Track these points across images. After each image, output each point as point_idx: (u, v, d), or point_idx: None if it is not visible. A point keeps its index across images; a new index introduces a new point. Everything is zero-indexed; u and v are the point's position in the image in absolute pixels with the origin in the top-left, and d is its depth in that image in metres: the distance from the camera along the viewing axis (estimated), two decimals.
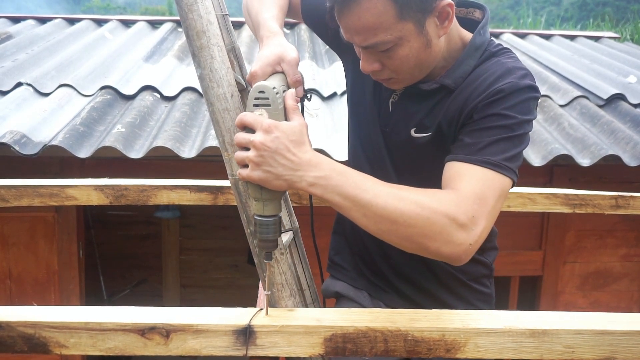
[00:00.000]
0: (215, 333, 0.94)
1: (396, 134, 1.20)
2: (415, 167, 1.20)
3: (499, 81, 1.04)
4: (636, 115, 3.35)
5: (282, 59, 1.04)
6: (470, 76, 1.10)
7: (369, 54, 1.07)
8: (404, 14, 0.99)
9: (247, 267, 5.30)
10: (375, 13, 0.98)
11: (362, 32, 1.02)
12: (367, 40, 1.02)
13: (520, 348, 0.96)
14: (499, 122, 1.02)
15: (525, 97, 1.04)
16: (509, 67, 1.07)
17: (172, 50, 4.14)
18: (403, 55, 1.04)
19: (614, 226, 3.60)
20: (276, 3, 1.21)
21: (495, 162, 0.99)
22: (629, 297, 3.75)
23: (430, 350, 0.97)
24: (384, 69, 1.08)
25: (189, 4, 0.99)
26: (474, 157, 1.00)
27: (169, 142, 2.76)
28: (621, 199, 1.80)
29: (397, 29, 1.00)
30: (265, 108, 0.94)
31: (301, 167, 0.92)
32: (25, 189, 1.61)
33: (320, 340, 0.95)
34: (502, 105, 1.02)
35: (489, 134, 1.02)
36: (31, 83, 3.28)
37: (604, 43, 5.28)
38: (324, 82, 3.68)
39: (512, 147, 1.01)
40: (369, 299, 1.38)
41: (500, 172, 0.99)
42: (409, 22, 1.00)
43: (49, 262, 3.35)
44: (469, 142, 1.03)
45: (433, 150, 1.15)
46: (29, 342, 0.92)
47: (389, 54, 1.05)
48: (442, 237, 0.93)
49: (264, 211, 0.97)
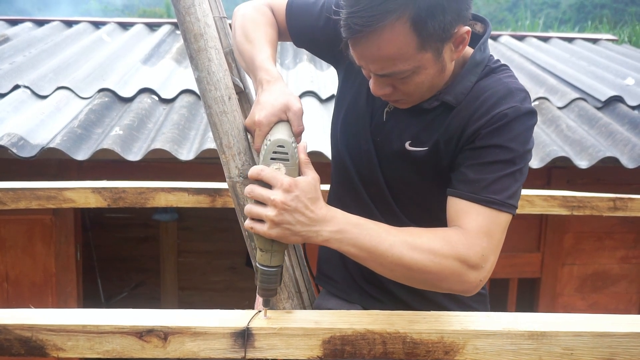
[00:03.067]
0: (213, 335, 0.93)
1: (388, 144, 1.18)
2: (407, 179, 1.19)
3: (502, 104, 1.04)
4: (634, 117, 3.36)
5: (288, 108, 1.03)
6: (471, 93, 1.09)
7: (381, 79, 1.05)
8: (424, 45, 0.97)
9: (245, 269, 5.29)
10: (397, 44, 0.96)
11: (380, 61, 0.99)
12: (384, 69, 1.00)
13: (519, 350, 0.96)
14: (503, 156, 1.03)
15: (527, 125, 1.04)
16: (511, 88, 1.06)
17: (170, 52, 4.14)
18: (419, 82, 1.04)
19: (612, 228, 3.60)
20: (267, 39, 1.19)
21: (499, 201, 1.01)
22: (628, 299, 3.75)
23: (428, 353, 0.97)
24: (394, 92, 1.07)
25: (186, 7, 0.99)
26: (479, 197, 1.02)
27: (167, 145, 2.76)
28: (619, 201, 1.80)
29: (416, 59, 0.99)
30: (284, 162, 0.95)
31: (317, 223, 0.95)
32: (22, 192, 1.61)
33: (319, 343, 0.95)
34: (505, 135, 1.03)
35: (493, 169, 1.03)
36: (29, 85, 3.28)
37: (602, 45, 5.30)
38: (322, 84, 3.68)
39: (514, 183, 1.04)
40: None
41: (504, 211, 1.02)
42: (428, 52, 0.99)
43: (46, 265, 3.34)
44: (472, 178, 1.03)
45: (428, 165, 1.14)
46: (26, 345, 0.92)
47: (404, 80, 1.03)
48: (455, 279, 0.98)
49: (271, 262, 0.98)
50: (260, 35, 1.18)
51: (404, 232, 0.99)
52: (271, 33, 1.22)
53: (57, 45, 4.15)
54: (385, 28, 0.93)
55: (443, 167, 1.12)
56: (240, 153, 1.03)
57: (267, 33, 1.20)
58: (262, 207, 0.93)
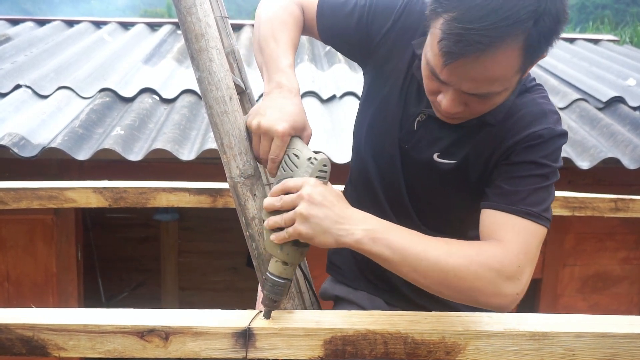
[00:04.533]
0: (214, 335, 0.93)
1: (416, 153, 1.17)
2: (430, 188, 1.20)
3: (537, 125, 1.04)
4: (635, 118, 3.35)
5: (304, 128, 1.04)
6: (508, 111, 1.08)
7: (460, 97, 0.98)
8: (523, 68, 0.94)
9: (246, 269, 5.29)
10: (504, 67, 0.91)
11: (480, 81, 0.93)
12: (479, 89, 0.94)
13: (521, 351, 0.95)
14: (537, 171, 1.03)
15: (559, 144, 1.05)
16: (544, 110, 1.07)
17: (171, 52, 4.14)
18: (497, 102, 1.00)
19: (613, 229, 3.60)
20: (292, 44, 1.17)
21: (536, 213, 1.01)
22: (629, 300, 3.75)
23: (430, 353, 0.97)
24: (465, 110, 1.01)
25: (187, 7, 0.99)
26: (516, 208, 1.01)
27: (168, 145, 2.76)
28: (620, 202, 1.80)
29: (511, 81, 0.96)
30: (323, 181, 0.97)
31: (347, 221, 0.94)
32: (24, 192, 1.61)
33: (320, 343, 0.95)
34: (539, 152, 1.03)
35: (528, 182, 1.03)
36: (30, 85, 3.28)
37: (603, 46, 5.29)
38: (323, 85, 3.68)
39: (548, 197, 1.04)
40: (367, 298, 1.38)
41: (540, 223, 1.01)
42: (520, 74, 0.96)
43: (47, 265, 3.34)
44: (508, 190, 1.03)
45: (454, 178, 1.14)
46: (27, 345, 0.92)
47: (484, 100, 0.98)
48: (491, 290, 0.96)
49: (284, 274, 0.98)
50: (287, 38, 1.17)
51: (439, 240, 0.98)
52: (296, 37, 1.21)
53: (58, 45, 4.16)
54: (502, 50, 0.87)
55: (470, 181, 1.12)
56: (242, 153, 1.03)
57: (293, 37, 1.19)
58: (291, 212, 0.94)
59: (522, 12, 0.85)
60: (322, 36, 1.27)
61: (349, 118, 3.18)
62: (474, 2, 0.86)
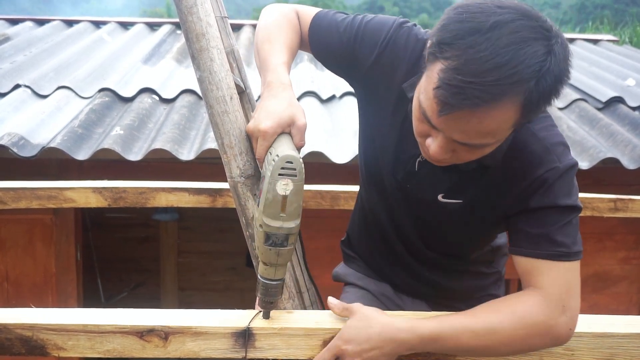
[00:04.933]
0: (214, 335, 0.93)
1: (420, 193, 1.16)
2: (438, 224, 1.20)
3: (540, 166, 1.01)
4: (635, 118, 3.35)
5: (293, 122, 1.01)
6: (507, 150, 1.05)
7: (450, 144, 0.95)
8: (518, 124, 0.91)
9: (246, 270, 5.29)
10: (499, 122, 0.88)
11: (473, 134, 0.90)
12: (471, 140, 0.92)
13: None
14: (558, 211, 1.01)
15: (568, 180, 1.03)
16: (546, 145, 1.02)
17: (171, 52, 4.14)
18: (486, 152, 0.97)
19: (613, 229, 3.60)
20: (287, 44, 1.17)
21: (568, 252, 1.00)
22: (628, 300, 3.74)
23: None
24: (453, 156, 0.99)
25: (188, 7, 0.99)
26: (548, 252, 1.00)
27: (168, 145, 2.76)
28: (620, 202, 1.80)
29: (505, 135, 0.94)
30: (292, 179, 0.92)
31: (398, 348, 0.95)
32: (23, 191, 1.61)
33: (320, 343, 0.95)
34: (551, 196, 1.01)
35: (552, 221, 1.01)
36: (29, 85, 3.28)
37: (603, 46, 5.29)
38: (322, 85, 3.68)
39: (575, 230, 1.02)
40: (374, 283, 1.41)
41: (573, 260, 1.00)
42: (514, 129, 0.94)
43: (46, 265, 3.34)
44: (535, 233, 1.01)
45: (462, 216, 1.14)
46: (27, 345, 0.92)
47: (473, 150, 0.95)
48: (545, 340, 0.97)
49: (275, 275, 0.97)
50: (281, 39, 1.17)
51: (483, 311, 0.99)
52: (293, 38, 1.20)
53: (57, 44, 4.16)
54: (499, 105, 0.84)
55: (477, 217, 1.12)
56: (242, 153, 1.03)
57: (289, 38, 1.19)
58: None
59: (527, 70, 0.82)
60: (313, 52, 1.27)
61: (349, 118, 3.18)
62: (478, 54, 0.82)
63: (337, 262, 1.50)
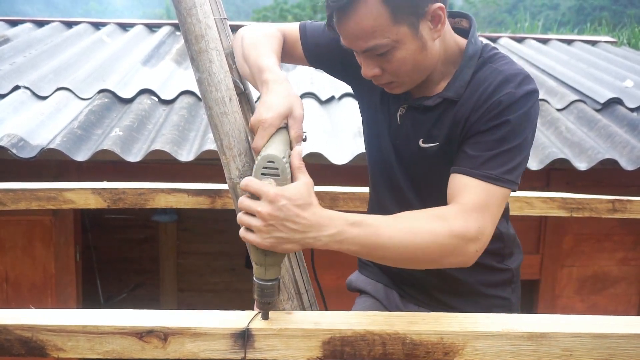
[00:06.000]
0: (213, 336, 0.94)
1: (406, 145, 1.24)
2: (427, 178, 1.25)
3: (497, 92, 1.09)
4: (633, 120, 3.36)
5: (291, 112, 1.03)
6: (470, 85, 1.14)
7: (368, 60, 1.11)
8: (397, 18, 1.04)
9: (245, 270, 5.29)
10: (371, 17, 1.03)
11: (361, 36, 1.06)
12: (366, 43, 1.07)
13: (519, 351, 0.96)
14: (498, 134, 1.08)
15: (524, 107, 1.09)
16: (506, 75, 1.11)
17: (170, 53, 4.14)
18: (400, 58, 1.09)
19: (611, 230, 3.61)
20: (273, 50, 1.21)
21: (495, 176, 1.07)
22: (627, 301, 3.75)
23: (428, 354, 0.97)
24: (383, 73, 1.12)
25: (187, 8, 1.00)
26: (477, 172, 1.07)
27: (167, 146, 2.76)
28: (618, 203, 1.80)
29: (392, 32, 1.05)
30: (274, 178, 0.93)
31: (313, 229, 0.93)
32: (22, 193, 1.61)
33: (319, 344, 0.95)
34: (501, 118, 1.08)
35: (489, 147, 1.09)
36: (29, 86, 3.28)
37: (601, 47, 5.30)
38: (321, 86, 3.68)
39: (511, 159, 1.09)
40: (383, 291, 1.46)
41: (500, 185, 1.07)
42: (403, 25, 1.05)
43: (46, 266, 3.34)
44: (471, 155, 1.10)
45: (441, 160, 1.19)
46: (26, 346, 0.92)
47: (387, 58, 1.09)
48: (455, 253, 1.03)
49: (266, 275, 0.97)
50: (268, 46, 1.21)
51: (401, 219, 1.02)
52: (277, 49, 1.24)
53: (57, 46, 4.16)
54: (359, 3, 1.01)
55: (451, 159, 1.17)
56: (241, 154, 1.03)
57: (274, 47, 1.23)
58: (252, 217, 0.92)
59: None
60: (307, 57, 1.34)
61: (348, 119, 3.18)
62: None
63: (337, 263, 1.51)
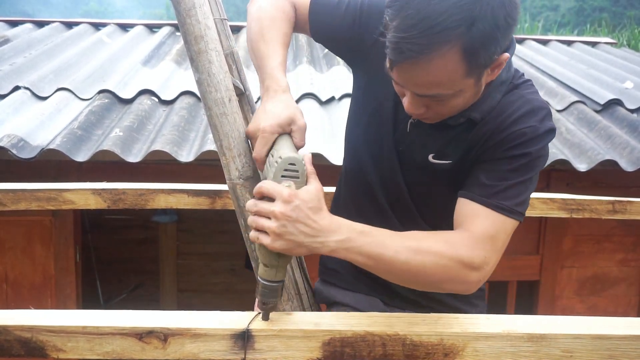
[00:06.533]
0: (213, 337, 0.94)
1: (410, 154, 1.21)
2: (429, 188, 1.23)
3: (522, 122, 1.07)
4: (633, 121, 3.36)
5: (293, 122, 1.04)
6: (495, 109, 1.11)
7: (417, 99, 1.04)
8: (471, 73, 0.97)
9: (245, 271, 5.29)
10: (445, 71, 0.95)
11: (425, 85, 0.99)
12: (428, 91, 1.00)
13: (519, 352, 0.96)
14: (515, 165, 1.07)
15: (543, 143, 1.08)
16: (533, 106, 1.10)
17: (170, 54, 4.14)
18: (456, 104, 1.05)
19: (611, 231, 3.61)
20: (281, 40, 1.19)
21: (507, 207, 1.05)
22: (627, 302, 3.75)
23: (428, 355, 0.97)
24: (428, 111, 1.07)
25: (187, 9, 1.00)
26: (489, 201, 1.05)
27: (167, 146, 2.76)
28: (618, 204, 1.80)
29: (460, 84, 0.99)
30: (294, 180, 0.95)
31: (322, 233, 0.94)
32: (22, 193, 1.61)
33: (319, 345, 0.95)
34: (521, 149, 1.06)
35: (504, 176, 1.07)
36: (29, 87, 3.28)
37: (601, 48, 5.30)
38: (321, 86, 3.68)
39: (524, 191, 1.08)
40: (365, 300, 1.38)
41: (510, 217, 1.06)
42: (472, 78, 0.99)
43: (45, 267, 3.33)
44: (485, 183, 1.07)
45: (451, 177, 1.17)
46: (26, 346, 0.92)
47: (442, 103, 1.03)
48: (458, 280, 1.01)
49: (276, 276, 0.97)
50: (276, 35, 1.19)
51: (408, 237, 1.01)
52: (287, 32, 1.22)
53: (57, 46, 4.15)
54: (437, 56, 0.92)
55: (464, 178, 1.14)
56: (241, 155, 1.03)
57: (283, 33, 1.21)
58: (265, 219, 0.94)
59: (450, 19, 0.89)
60: (314, 35, 1.30)
61: None
62: (407, 12, 0.91)
63: None
